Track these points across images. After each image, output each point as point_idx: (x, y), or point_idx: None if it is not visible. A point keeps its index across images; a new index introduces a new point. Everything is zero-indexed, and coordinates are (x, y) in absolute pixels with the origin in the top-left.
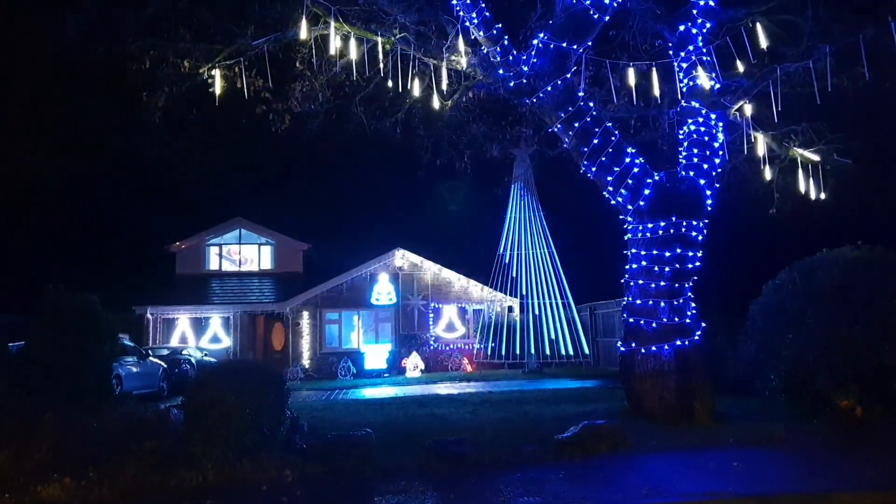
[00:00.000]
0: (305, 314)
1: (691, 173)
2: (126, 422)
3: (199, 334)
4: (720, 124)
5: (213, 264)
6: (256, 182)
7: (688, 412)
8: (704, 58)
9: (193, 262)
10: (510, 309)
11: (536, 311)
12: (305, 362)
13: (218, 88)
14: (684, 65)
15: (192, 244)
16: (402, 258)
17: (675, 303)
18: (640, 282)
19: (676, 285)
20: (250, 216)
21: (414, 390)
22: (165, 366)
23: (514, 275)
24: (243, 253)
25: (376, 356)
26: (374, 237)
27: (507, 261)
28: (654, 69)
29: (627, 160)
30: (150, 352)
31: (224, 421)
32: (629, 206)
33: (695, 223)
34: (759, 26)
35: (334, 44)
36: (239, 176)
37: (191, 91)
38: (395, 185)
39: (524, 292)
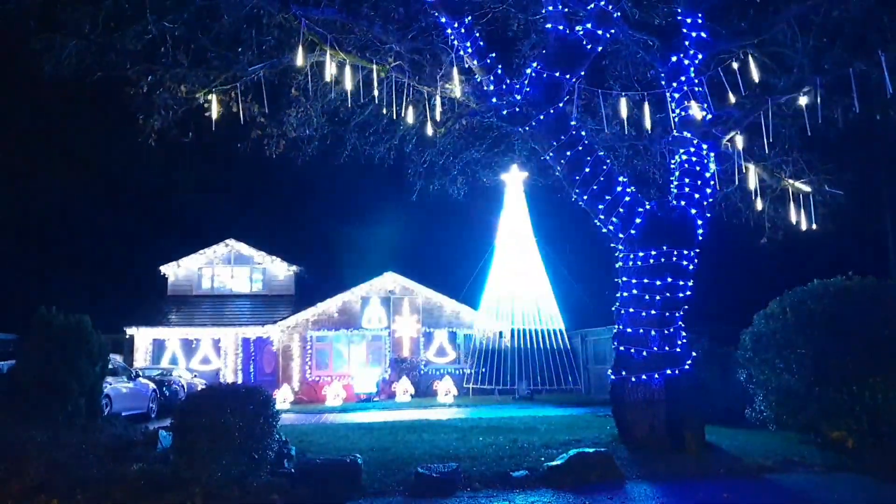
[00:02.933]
0: (296, 337)
1: (682, 203)
2: (115, 443)
3: (189, 356)
4: (712, 154)
5: (205, 285)
6: (249, 205)
7: (678, 442)
8: (696, 88)
9: (185, 284)
10: (501, 334)
11: (527, 337)
12: (295, 385)
13: (214, 113)
14: (676, 95)
15: (184, 265)
16: (394, 282)
17: (666, 331)
18: (631, 310)
19: (667, 314)
20: (242, 238)
21: (403, 415)
22: (155, 387)
23: (506, 300)
24: (235, 274)
25: (366, 380)
26: (365, 260)
27: (498, 286)
28: (646, 99)
29: (619, 189)
30: (139, 372)
31: (213, 444)
32: (620, 235)
33: (686, 252)
34: (750, 58)
35: (330, 71)
36: (232, 198)
37: (186, 115)
38: (387, 209)
39: (515, 318)
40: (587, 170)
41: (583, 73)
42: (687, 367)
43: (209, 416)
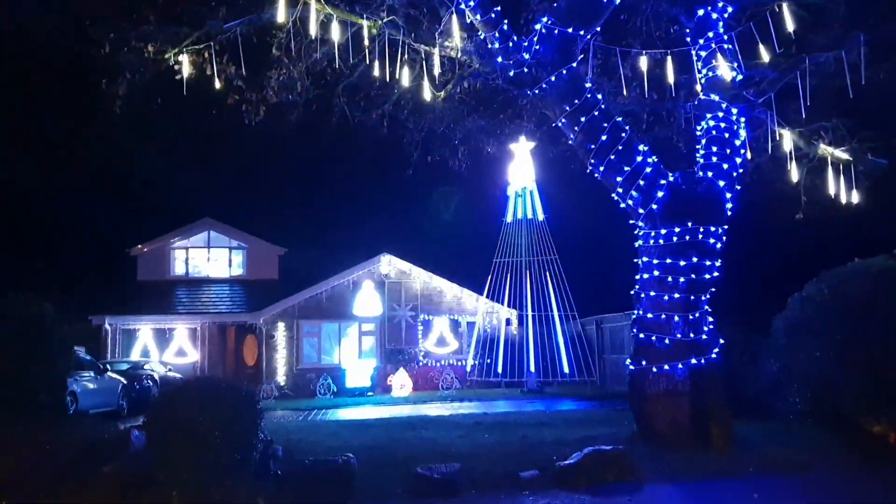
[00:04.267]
0: (281, 326)
1: (709, 174)
2: (83, 443)
3: (162, 347)
4: (742, 120)
5: (179, 270)
6: (228, 181)
7: (703, 437)
8: (725, 46)
9: (157, 268)
10: (508, 322)
11: (537, 325)
12: (280, 379)
13: (185, 75)
14: (703, 53)
15: (155, 248)
16: (389, 265)
17: (691, 317)
18: (652, 293)
19: (692, 297)
20: (220, 217)
21: (401, 411)
22: (125, 382)
23: (513, 284)
24: (212, 257)
25: (359, 373)
26: (357, 242)
27: (505, 269)
28: (669, 58)
29: (639, 159)
30: (108, 366)
31: (190, 444)
32: (640, 210)
33: (713, 229)
34: (786, 11)
35: (315, 27)
36: (208, 174)
37: (156, 80)
38: (381, 185)
39: (524, 303)
40: (603, 138)
41: (599, 30)
42: (714, 355)
43: (186, 413)
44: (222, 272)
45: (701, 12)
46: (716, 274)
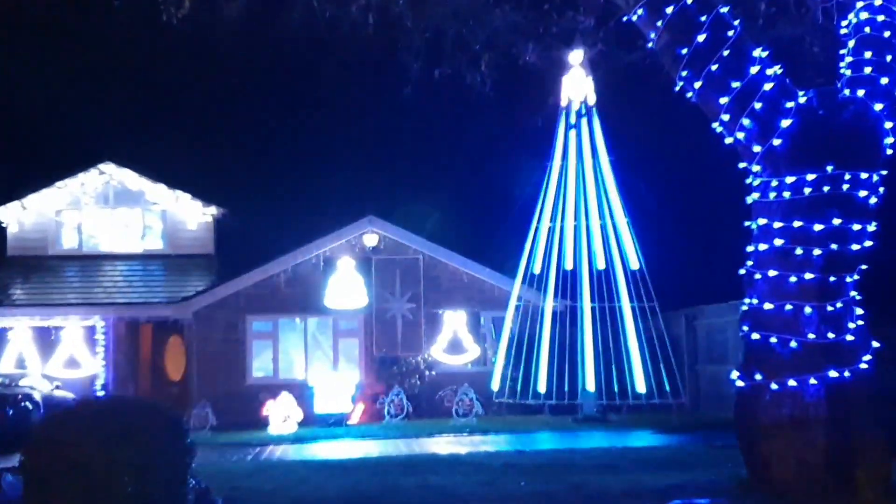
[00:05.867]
0: (220, 322)
1: (860, 92)
2: None
3: (46, 354)
4: None
5: (69, 240)
6: (140, 114)
7: (845, 484)
8: None
9: (36, 238)
10: (554, 318)
11: (597, 323)
12: (220, 400)
13: None
14: None
15: (33, 208)
16: (377, 235)
17: (829, 307)
18: (772, 273)
19: (832, 279)
20: (127, 163)
21: (396, 447)
22: None
23: (560, 262)
24: (117, 221)
25: (334, 392)
26: (331, 200)
27: (549, 241)
28: None
29: (754, 70)
30: None
31: (87, 493)
32: (756, 148)
33: (864, 176)
34: None
35: None
36: (112, 103)
37: None
38: (366, 118)
39: (578, 292)
40: (701, 38)
41: None
42: (864, 365)
43: (79, 450)
44: (132, 244)
45: None
46: (868, 244)
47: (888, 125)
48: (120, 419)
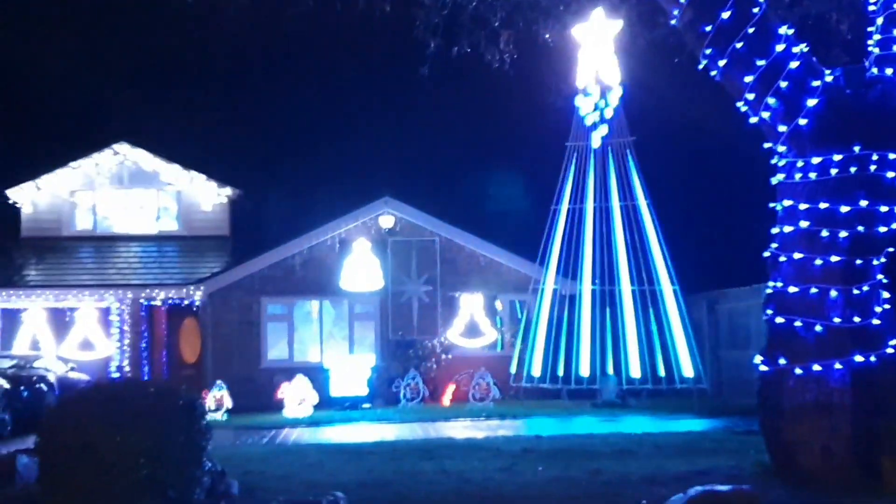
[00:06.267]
0: (234, 304)
1: (888, 71)
2: None
3: (61, 335)
4: None
5: (83, 221)
6: (156, 93)
7: (871, 472)
8: None
9: (50, 219)
10: (573, 301)
11: (618, 306)
12: (235, 383)
13: None
14: None
15: (47, 189)
16: (394, 216)
17: (856, 291)
18: (797, 255)
19: (858, 262)
20: (143, 143)
21: (412, 431)
22: (8, 386)
23: (578, 244)
24: (132, 202)
25: (350, 376)
26: (347, 182)
27: (568, 222)
28: None
29: (780, 48)
30: None
31: (102, 475)
32: (781, 128)
33: (893, 157)
34: None
35: None
36: (128, 82)
37: None
38: (381, 98)
39: (597, 275)
40: (725, 15)
41: None
42: (890, 350)
43: (94, 432)
44: (147, 225)
45: None
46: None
47: None
48: (135, 402)
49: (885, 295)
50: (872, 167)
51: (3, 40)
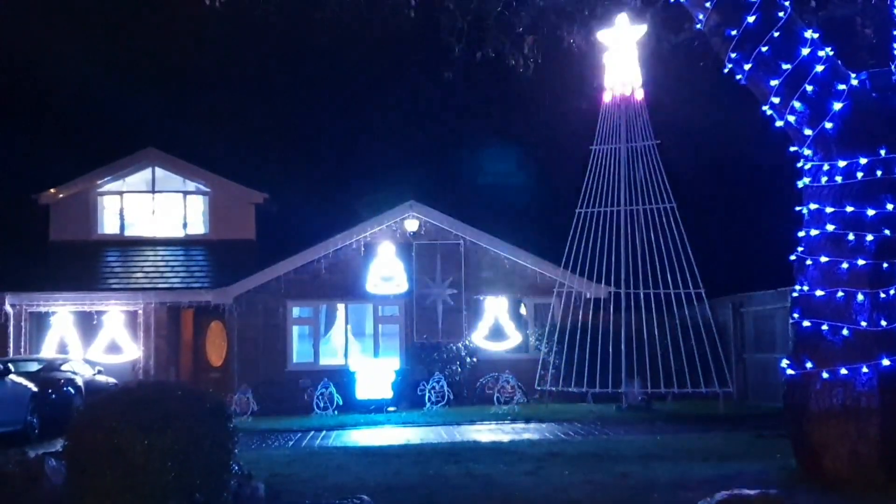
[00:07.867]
0: (261, 308)
1: None
2: None
3: (88, 339)
4: None
5: (111, 226)
6: (183, 100)
7: None
8: None
9: (79, 223)
10: (598, 305)
11: (642, 309)
12: (261, 386)
13: None
14: None
15: (76, 192)
16: (418, 220)
17: (883, 294)
18: (823, 259)
19: (885, 265)
20: (171, 149)
21: (437, 434)
22: (36, 389)
23: (604, 248)
24: (160, 208)
25: (375, 378)
26: (372, 186)
27: (595, 223)
28: None
29: (805, 51)
30: (10, 366)
31: (129, 479)
32: (807, 131)
33: None
34: None
35: None
36: (155, 90)
37: None
38: (406, 103)
39: (622, 278)
40: (751, 19)
41: None
42: None
43: (122, 435)
44: (174, 229)
45: None
46: None
47: None
48: (162, 405)
49: None
50: None
51: (33, 48)
